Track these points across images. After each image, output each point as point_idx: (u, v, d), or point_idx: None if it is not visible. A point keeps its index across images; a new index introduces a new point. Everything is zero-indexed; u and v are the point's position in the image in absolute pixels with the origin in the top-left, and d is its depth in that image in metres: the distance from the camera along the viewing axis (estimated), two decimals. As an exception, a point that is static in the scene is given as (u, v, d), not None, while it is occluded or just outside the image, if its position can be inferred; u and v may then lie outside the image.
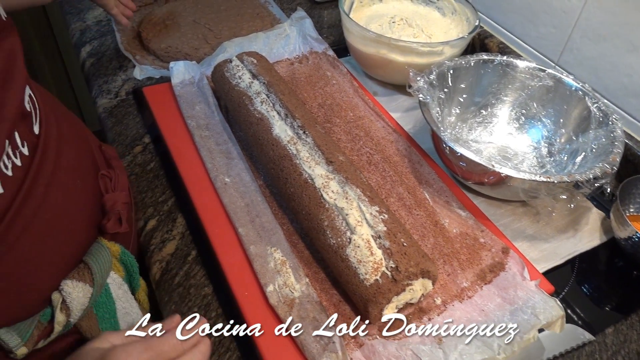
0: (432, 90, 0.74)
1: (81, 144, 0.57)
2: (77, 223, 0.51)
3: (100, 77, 0.89)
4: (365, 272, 0.51)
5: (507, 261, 0.60)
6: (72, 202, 0.50)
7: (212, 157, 0.70)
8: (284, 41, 0.91)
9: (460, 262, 0.60)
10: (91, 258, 0.50)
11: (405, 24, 0.91)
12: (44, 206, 0.44)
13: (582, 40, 0.80)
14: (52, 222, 0.46)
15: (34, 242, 0.43)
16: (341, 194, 0.57)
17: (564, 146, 0.76)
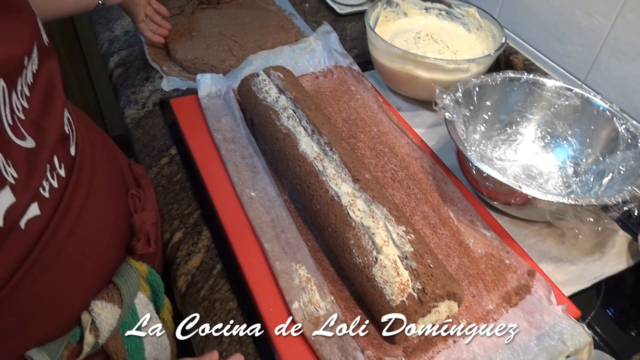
0: (458, 107, 0.74)
1: (112, 164, 0.58)
2: (108, 243, 0.51)
3: (128, 87, 0.90)
4: (392, 293, 0.51)
5: (533, 284, 0.60)
6: (103, 222, 0.50)
7: (237, 170, 0.70)
8: (309, 55, 0.92)
9: (486, 284, 0.60)
10: (120, 279, 0.50)
11: (430, 39, 0.92)
12: (78, 227, 0.45)
13: (610, 59, 0.79)
14: (84, 243, 0.46)
15: (67, 263, 0.44)
16: (368, 212, 0.57)
17: (591, 166, 0.75)
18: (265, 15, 1.08)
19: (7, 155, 0.38)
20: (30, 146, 0.41)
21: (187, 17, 1.06)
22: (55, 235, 0.42)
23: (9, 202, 0.37)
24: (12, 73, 0.40)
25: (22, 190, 0.38)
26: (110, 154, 0.59)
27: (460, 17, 0.95)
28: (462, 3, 0.95)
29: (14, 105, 0.40)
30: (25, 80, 0.42)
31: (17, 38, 0.41)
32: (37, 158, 0.41)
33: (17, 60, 0.41)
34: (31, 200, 0.40)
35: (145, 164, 0.76)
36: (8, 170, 0.37)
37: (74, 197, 0.45)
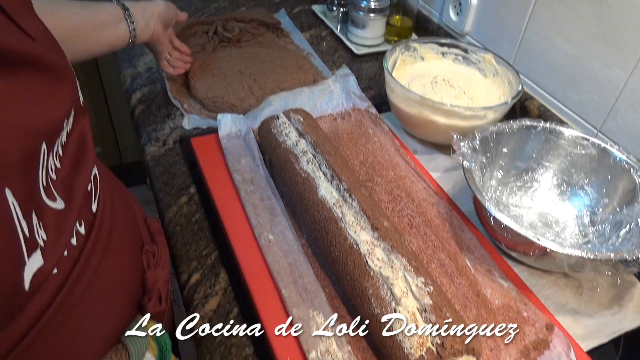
0: (475, 155, 0.74)
1: (130, 218, 0.57)
2: (120, 302, 0.50)
3: (149, 124, 0.92)
4: (410, 347, 0.51)
5: (552, 339, 0.59)
6: (117, 280, 0.49)
7: (256, 212, 0.71)
8: (328, 97, 0.94)
9: (504, 337, 0.60)
10: (129, 339, 0.49)
11: (447, 84, 0.93)
12: (93, 286, 0.44)
13: (627, 110, 0.80)
14: (97, 302, 0.45)
15: (79, 322, 0.43)
16: (387, 262, 0.58)
17: (608, 217, 0.75)
18: (284, 55, 1.11)
19: (41, 218, 0.37)
20: (59, 207, 0.40)
21: (208, 55, 1.09)
22: (70, 294, 0.41)
23: (38, 265, 0.37)
24: (53, 136, 0.40)
25: (50, 253, 0.38)
26: (129, 209, 0.58)
27: (477, 63, 0.97)
28: (479, 49, 0.97)
29: (49, 166, 0.40)
30: (61, 141, 0.42)
31: (60, 102, 0.42)
32: (65, 220, 0.41)
33: (58, 123, 0.41)
34: (57, 263, 0.39)
35: (164, 202, 0.78)
36: (39, 232, 0.37)
37: (91, 256, 0.44)
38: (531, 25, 0.94)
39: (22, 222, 0.34)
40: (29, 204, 0.36)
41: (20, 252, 0.34)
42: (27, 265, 0.35)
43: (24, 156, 0.36)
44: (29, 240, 0.35)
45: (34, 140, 0.37)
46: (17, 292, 0.35)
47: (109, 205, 0.50)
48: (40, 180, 0.38)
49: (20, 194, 0.34)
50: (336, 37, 1.24)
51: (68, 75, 0.44)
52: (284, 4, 1.38)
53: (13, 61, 0.36)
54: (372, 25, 1.16)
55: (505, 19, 1.00)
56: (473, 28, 1.10)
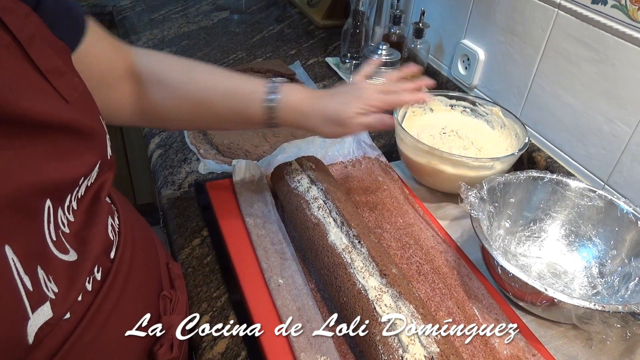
0: (483, 204, 0.76)
1: (151, 263, 0.57)
2: (131, 349, 0.49)
3: (166, 168, 0.95)
4: None
5: None
6: (130, 326, 0.48)
7: (267, 256, 0.72)
8: (339, 145, 0.97)
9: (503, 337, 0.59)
10: None
11: (455, 135, 0.96)
12: (103, 332, 0.43)
13: (633, 164, 0.81)
14: (107, 349, 0.44)
15: None
16: (394, 308, 0.58)
17: (616, 268, 0.75)
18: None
19: (49, 271, 0.37)
20: (72, 259, 0.40)
21: (225, 103, 1.13)
22: (79, 341, 0.40)
23: (45, 318, 0.36)
24: (62, 193, 0.40)
25: (60, 304, 0.38)
26: (151, 254, 0.58)
27: (484, 115, 1.00)
28: (486, 102, 1.00)
29: (59, 221, 0.40)
30: (76, 195, 0.42)
31: (82, 161, 0.42)
32: (78, 271, 0.41)
33: (71, 181, 0.41)
34: (66, 312, 0.39)
35: (177, 244, 0.79)
36: (49, 285, 0.37)
37: (104, 301, 0.43)
38: (537, 80, 0.98)
39: (23, 278, 0.34)
40: (32, 259, 0.36)
41: (21, 308, 0.34)
42: (32, 319, 0.35)
43: (22, 213, 0.35)
44: (33, 294, 0.35)
45: (35, 198, 0.37)
46: (18, 346, 0.35)
47: (129, 252, 0.50)
48: (47, 235, 0.38)
49: (21, 250, 0.34)
50: (348, 88, 1.29)
51: (98, 134, 0.44)
52: (299, 55, 1.44)
53: (39, 125, 0.37)
54: (384, 77, 1.20)
55: (512, 74, 1.03)
56: (481, 82, 1.14)
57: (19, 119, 0.35)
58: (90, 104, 0.46)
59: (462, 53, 1.16)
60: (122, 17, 1.62)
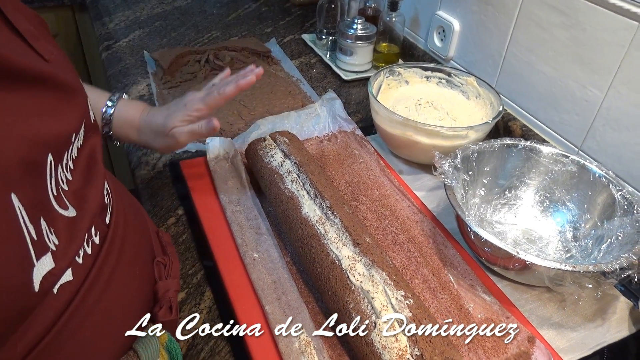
0: (457, 173, 0.76)
1: (142, 232, 0.59)
2: (132, 310, 0.52)
3: (140, 149, 0.94)
4: (390, 359, 0.52)
5: (533, 351, 0.59)
6: (129, 289, 0.51)
7: (242, 232, 0.72)
8: (315, 120, 0.96)
9: (485, 350, 0.60)
10: (140, 346, 0.50)
11: (430, 106, 0.95)
12: (106, 294, 0.46)
13: (605, 128, 0.82)
14: (110, 310, 0.47)
15: (93, 329, 0.44)
16: (367, 276, 0.58)
17: (589, 232, 0.76)
18: (273, 81, 1.14)
19: (50, 223, 0.39)
20: (71, 215, 0.43)
21: (200, 83, 1.12)
22: (84, 301, 0.43)
23: (48, 267, 0.38)
24: (61, 149, 0.43)
25: (61, 256, 0.40)
26: (141, 222, 0.60)
27: (460, 86, 1.00)
28: (462, 72, 1.00)
29: (59, 177, 0.42)
30: (71, 155, 0.45)
31: (69, 118, 0.44)
32: (77, 227, 0.43)
33: (66, 137, 0.44)
34: (68, 266, 0.41)
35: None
36: (50, 237, 0.39)
37: (104, 264, 0.46)
38: (511, 49, 0.97)
39: (29, 226, 0.36)
40: (36, 210, 0.38)
41: (28, 254, 0.36)
42: (36, 267, 0.37)
43: (28, 164, 0.37)
44: (37, 243, 0.37)
45: (39, 150, 0.39)
46: (26, 292, 0.36)
47: (122, 218, 0.52)
48: (49, 189, 0.40)
49: (26, 200, 0.36)
50: (325, 64, 1.28)
51: (79, 94, 0.47)
52: (275, 33, 1.43)
53: (25, 78, 0.39)
54: (360, 52, 1.20)
55: (486, 44, 1.03)
56: (457, 53, 1.13)
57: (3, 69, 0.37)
58: (69, 67, 0.47)
59: (437, 25, 1.15)
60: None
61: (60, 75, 0.44)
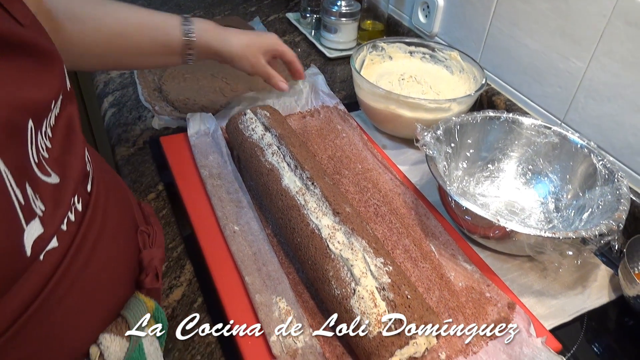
0: (439, 145, 0.75)
1: (123, 202, 0.59)
2: (118, 277, 0.52)
3: (120, 126, 0.92)
4: (369, 324, 0.52)
5: (513, 317, 0.60)
6: (114, 257, 0.51)
7: (222, 205, 0.71)
8: (297, 95, 0.95)
9: (466, 317, 0.60)
10: (129, 312, 0.50)
11: (414, 81, 0.95)
12: (91, 261, 0.45)
13: (587, 99, 0.82)
14: (96, 278, 0.47)
15: (79, 296, 0.44)
16: (347, 244, 0.58)
17: (571, 202, 0.76)
18: (256, 59, 1.12)
19: (35, 189, 0.39)
20: (55, 182, 0.43)
21: (181, 61, 1.10)
22: (70, 268, 0.42)
23: (37, 232, 0.38)
24: (40, 115, 0.42)
25: (49, 222, 0.40)
26: (122, 193, 0.59)
27: (443, 60, 0.99)
28: (445, 47, 0.99)
29: (39, 144, 0.42)
30: (49, 122, 0.44)
31: (48, 85, 0.44)
32: (62, 193, 0.43)
33: (45, 104, 0.43)
34: (55, 232, 0.41)
35: (132, 199, 0.78)
36: (36, 203, 0.39)
37: (88, 231, 0.46)
38: (495, 23, 0.97)
39: (15, 190, 0.36)
40: (21, 175, 0.37)
41: (17, 218, 0.36)
42: (26, 232, 0.37)
43: (10, 129, 0.37)
44: (25, 207, 0.37)
45: (20, 115, 0.39)
46: (18, 257, 0.37)
47: (102, 188, 0.51)
48: (30, 155, 0.40)
49: (10, 164, 0.36)
50: (309, 42, 1.26)
51: (56, 60, 0.46)
52: (259, 12, 1.41)
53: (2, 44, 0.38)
54: (344, 29, 1.18)
55: (470, 18, 1.02)
56: (441, 29, 1.12)
57: None
58: (43, 31, 0.46)
59: (421, 1, 1.14)
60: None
61: (39, 41, 0.43)
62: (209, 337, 0.60)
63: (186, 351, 0.59)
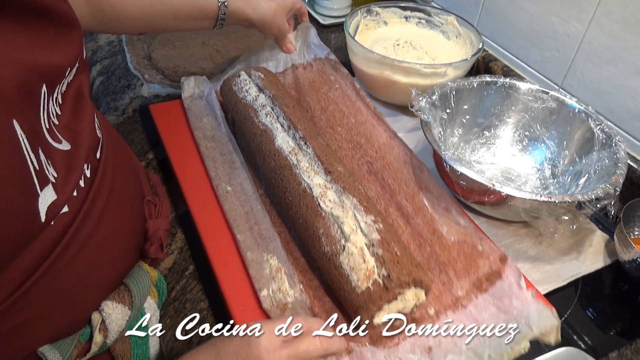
0: (435, 110, 0.74)
1: (131, 170, 0.59)
2: (123, 246, 0.52)
3: (108, 95, 0.90)
4: (357, 279, 0.52)
5: (505, 270, 0.60)
6: (121, 225, 0.51)
7: (215, 166, 0.71)
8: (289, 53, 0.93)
9: (457, 271, 0.60)
10: (132, 281, 0.51)
11: (409, 46, 0.93)
12: (99, 228, 0.45)
13: (586, 63, 0.80)
14: (103, 244, 0.47)
15: (86, 261, 0.45)
16: (337, 203, 0.58)
17: (568, 168, 0.75)
18: (248, 26, 1.09)
19: (48, 156, 0.39)
20: (66, 149, 0.43)
21: (172, 28, 1.07)
22: (79, 233, 0.43)
23: (51, 199, 0.39)
24: (54, 81, 0.42)
25: (61, 189, 0.40)
26: (129, 162, 0.59)
27: (440, 25, 0.97)
28: (442, 11, 0.96)
29: (50, 110, 0.42)
30: (61, 89, 0.44)
31: (65, 52, 0.44)
32: (73, 159, 0.43)
33: (60, 70, 0.43)
34: (68, 199, 0.41)
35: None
36: (49, 170, 0.39)
37: (97, 197, 0.46)
38: (493, -14, 0.94)
39: (31, 155, 0.36)
40: (35, 140, 0.38)
41: (32, 183, 0.36)
42: (41, 197, 0.37)
43: (26, 92, 0.37)
44: (39, 173, 0.37)
45: (35, 79, 0.39)
46: (33, 222, 0.37)
47: (111, 155, 0.51)
48: (42, 121, 0.40)
49: (26, 128, 0.36)
50: (303, 9, 1.23)
51: (74, 27, 0.46)
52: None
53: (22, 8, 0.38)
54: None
55: (467, -18, 0.99)
56: (438, -5, 1.09)
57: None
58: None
59: (418, -35, 1.11)
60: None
61: (59, 6, 0.43)
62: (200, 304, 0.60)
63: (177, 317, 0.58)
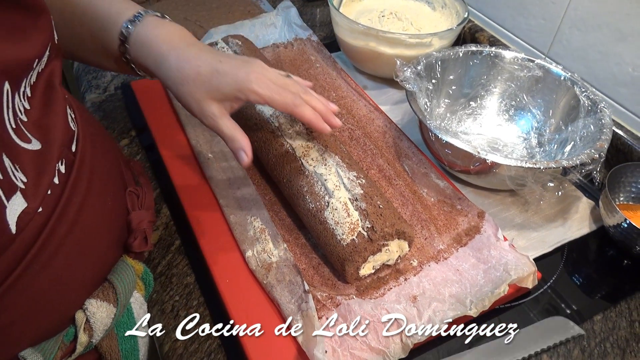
0: (420, 80, 0.73)
1: (112, 161, 0.55)
2: (105, 241, 0.49)
3: (89, 73, 0.89)
4: (342, 233, 0.53)
5: (483, 224, 0.62)
6: (101, 220, 0.48)
7: (196, 134, 0.71)
8: (270, 29, 0.93)
9: (438, 227, 0.62)
10: (116, 277, 0.48)
11: (394, 17, 0.91)
12: (77, 225, 0.43)
13: (571, 30, 0.79)
14: (82, 241, 0.44)
15: (65, 260, 0.42)
16: (320, 161, 0.58)
17: (554, 136, 0.75)
18: (231, 1, 1.08)
19: (15, 160, 0.36)
20: (36, 148, 0.39)
21: (153, 4, 1.05)
22: (54, 233, 0.40)
23: (21, 207, 0.36)
24: (19, 75, 0.38)
25: (32, 193, 0.37)
26: (110, 151, 0.55)
27: (425, -4, 0.95)
28: (426, -19, 0.95)
29: (17, 107, 0.38)
30: (29, 81, 0.40)
31: (32, 42, 0.39)
32: (45, 159, 0.40)
33: (26, 63, 0.39)
34: (41, 204, 0.38)
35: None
36: (17, 175, 0.36)
37: (73, 194, 0.42)
38: (478, -45, 0.93)
39: None
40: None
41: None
42: (8, 208, 0.35)
43: None
44: (3, 182, 0.34)
45: None
46: (2, 235, 0.35)
47: (89, 146, 0.47)
48: (7, 121, 0.36)
49: None
50: (287, -17, 1.21)
51: (43, 11, 0.41)
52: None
53: None
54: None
55: (453, -49, 0.98)
56: (423, -35, 1.07)
57: None
58: None
59: None
60: None
61: None
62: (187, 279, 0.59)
63: (164, 292, 0.58)
